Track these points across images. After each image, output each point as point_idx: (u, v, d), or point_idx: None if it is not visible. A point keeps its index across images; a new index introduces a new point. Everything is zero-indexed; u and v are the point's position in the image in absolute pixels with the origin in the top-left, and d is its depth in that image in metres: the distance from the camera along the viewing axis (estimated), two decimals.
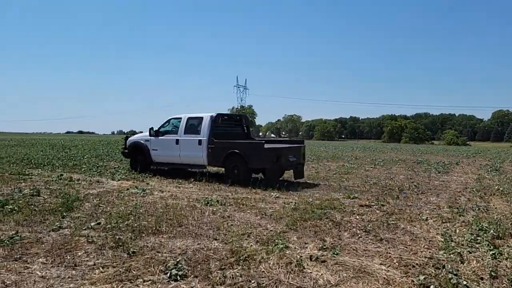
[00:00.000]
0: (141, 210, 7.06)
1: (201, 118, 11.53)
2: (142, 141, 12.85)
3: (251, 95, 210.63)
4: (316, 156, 22.30)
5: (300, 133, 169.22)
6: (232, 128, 12.74)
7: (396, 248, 5.25)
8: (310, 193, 9.30)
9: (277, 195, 8.83)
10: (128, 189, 9.35)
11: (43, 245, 5.03)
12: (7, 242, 5.05)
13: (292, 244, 5.28)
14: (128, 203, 7.71)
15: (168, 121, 12.55)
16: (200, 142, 11.24)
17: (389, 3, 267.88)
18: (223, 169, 11.49)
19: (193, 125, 11.73)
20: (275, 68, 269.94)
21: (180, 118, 12.08)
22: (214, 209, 7.30)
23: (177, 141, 11.83)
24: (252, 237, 5.58)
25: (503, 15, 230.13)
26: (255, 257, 4.69)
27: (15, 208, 6.86)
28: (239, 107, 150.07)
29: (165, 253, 4.82)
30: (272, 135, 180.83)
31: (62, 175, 11.23)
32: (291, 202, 8.03)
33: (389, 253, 5.01)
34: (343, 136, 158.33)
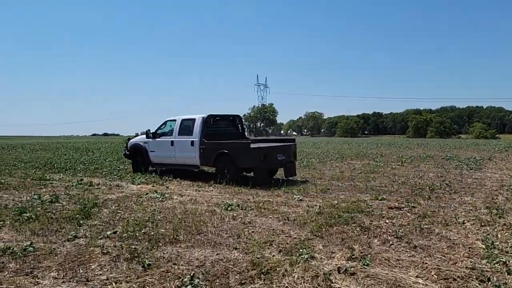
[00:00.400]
0: (159, 217, 6.81)
1: (194, 119, 11.83)
2: (141, 143, 13.28)
3: (271, 93, 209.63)
4: (339, 154, 21.70)
5: (322, 130, 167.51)
6: (226, 128, 12.93)
7: (433, 257, 4.78)
8: (335, 195, 8.86)
9: (301, 198, 8.43)
10: (147, 193, 9.15)
11: (56, 257, 4.82)
12: (20, 254, 4.86)
13: (318, 253, 4.90)
14: (147, 209, 7.49)
15: (165, 123, 12.90)
16: (192, 143, 11.57)
17: None
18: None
19: (186, 127, 12.01)
20: (294, 65, 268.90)
21: (175, 120, 12.47)
22: (235, 214, 6.98)
23: (172, 143, 12.22)
24: (275, 246, 5.23)
25: None
26: (278, 269, 4.34)
27: (32, 216, 6.73)
28: (260, 106, 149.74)
29: (182, 265, 4.53)
30: (294, 133, 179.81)
31: (82, 179, 11.17)
32: (315, 206, 7.62)
33: (426, 263, 4.56)
34: (366, 132, 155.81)
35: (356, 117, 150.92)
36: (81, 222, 6.47)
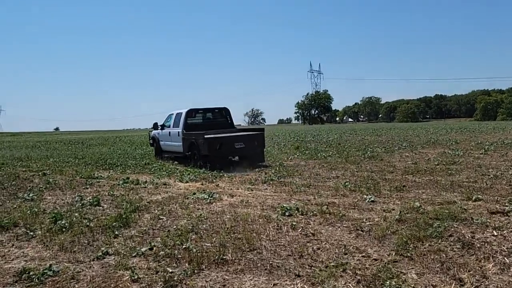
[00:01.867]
0: (204, 226, 5.77)
1: (181, 113, 13.52)
2: (156, 134, 15.86)
3: (325, 79, 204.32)
4: (408, 142, 19.62)
5: (380, 115, 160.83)
6: (214, 120, 14.36)
7: None
8: (415, 194, 7.32)
9: (372, 199, 7.00)
10: (194, 193, 8.19)
11: (77, 286, 3.91)
12: (37, 280, 4.02)
13: (412, 286, 3.56)
14: (192, 214, 6.50)
15: (169, 116, 14.88)
16: (179, 133, 13.42)
17: None
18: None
19: (177, 119, 13.74)
20: (348, 50, 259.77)
21: (173, 113, 14.42)
22: (294, 222, 5.76)
23: (169, 133, 14.35)
24: (350, 272, 3.95)
25: None
26: None
27: (66, 224, 5.97)
28: (314, 93, 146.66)
29: None
30: (350, 120, 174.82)
31: (128, 178, 10.48)
32: (393, 210, 6.20)
33: None
34: (428, 116, 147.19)
35: (416, 100, 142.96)
36: (116, 232, 5.60)
